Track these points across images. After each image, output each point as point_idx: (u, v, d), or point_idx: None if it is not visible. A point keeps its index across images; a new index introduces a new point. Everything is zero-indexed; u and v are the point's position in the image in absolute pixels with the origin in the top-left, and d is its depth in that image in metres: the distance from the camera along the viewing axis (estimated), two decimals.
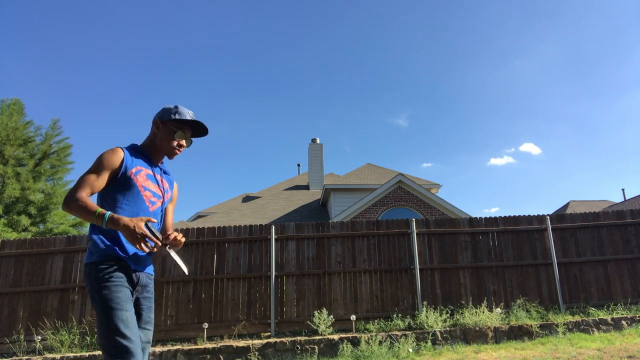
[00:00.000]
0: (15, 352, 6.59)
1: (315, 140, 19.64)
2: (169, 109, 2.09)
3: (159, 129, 2.07)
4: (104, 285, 1.80)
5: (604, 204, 23.67)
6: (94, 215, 1.74)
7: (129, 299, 1.82)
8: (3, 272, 7.20)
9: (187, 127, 2.10)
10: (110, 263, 1.85)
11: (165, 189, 2.13)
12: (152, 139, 2.09)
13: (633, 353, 5.20)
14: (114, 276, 1.82)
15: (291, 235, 7.56)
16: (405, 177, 13.47)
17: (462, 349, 6.13)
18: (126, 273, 1.88)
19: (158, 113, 2.11)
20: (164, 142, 2.06)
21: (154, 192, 2.04)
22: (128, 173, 1.93)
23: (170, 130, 2.06)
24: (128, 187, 1.93)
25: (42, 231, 14.89)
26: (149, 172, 2.04)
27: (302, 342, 6.33)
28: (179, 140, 2.08)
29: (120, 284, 1.82)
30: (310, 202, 17.20)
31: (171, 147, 2.07)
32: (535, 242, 7.95)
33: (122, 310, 1.75)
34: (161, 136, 2.06)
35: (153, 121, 2.10)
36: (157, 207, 2.05)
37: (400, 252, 7.67)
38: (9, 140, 14.86)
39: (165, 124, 2.07)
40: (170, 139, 2.06)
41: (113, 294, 1.78)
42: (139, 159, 2.03)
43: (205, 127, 2.13)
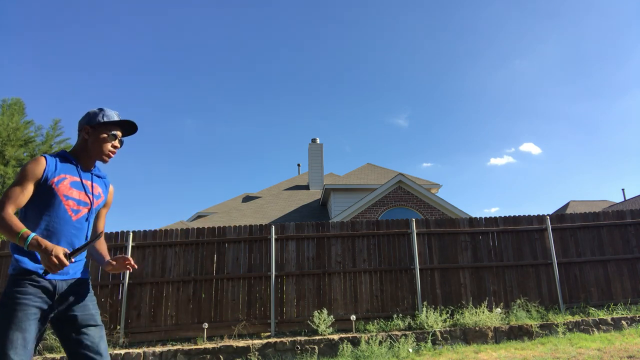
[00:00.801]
0: None
1: (315, 140, 19.65)
2: (95, 113, 2.07)
3: (89, 134, 2.05)
4: (8, 301, 1.79)
5: (604, 204, 23.67)
6: (17, 236, 1.74)
7: (30, 318, 1.79)
8: (3, 272, 7.21)
9: (117, 128, 2.10)
10: (22, 277, 1.84)
11: (97, 195, 2.11)
12: (83, 145, 2.07)
13: (633, 353, 5.20)
14: (21, 292, 1.81)
15: (291, 235, 7.56)
16: (405, 177, 13.48)
17: (462, 349, 6.13)
18: (39, 285, 1.86)
19: (84, 118, 2.09)
20: (97, 147, 2.06)
21: (78, 200, 2.00)
22: (49, 182, 1.92)
23: (100, 134, 2.05)
24: (49, 197, 1.91)
25: None
26: (74, 180, 2.02)
27: (302, 342, 6.33)
28: (112, 142, 2.09)
29: (24, 302, 1.80)
30: (310, 202, 17.20)
31: (105, 150, 2.07)
32: (535, 242, 7.95)
33: (17, 330, 1.74)
34: (93, 141, 2.05)
35: (81, 127, 2.08)
36: (83, 215, 2.02)
37: (400, 252, 7.67)
38: (10, 140, 14.87)
39: (95, 128, 2.05)
40: (102, 142, 2.06)
41: (13, 313, 1.77)
42: (64, 166, 2.01)
43: (135, 124, 2.13)
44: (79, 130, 2.09)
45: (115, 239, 7.41)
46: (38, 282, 1.85)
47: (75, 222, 1.98)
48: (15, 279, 1.84)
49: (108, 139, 2.06)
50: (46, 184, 1.91)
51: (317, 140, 19.65)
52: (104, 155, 2.07)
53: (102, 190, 2.16)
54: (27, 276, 1.84)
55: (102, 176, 2.20)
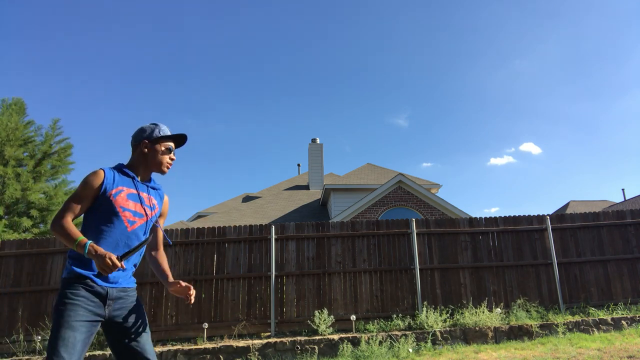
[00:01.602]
0: (15, 352, 6.59)
1: (315, 140, 19.64)
2: (152, 128, 2.19)
3: (148, 148, 2.16)
4: (62, 301, 1.88)
5: (604, 204, 23.66)
6: (74, 243, 1.84)
7: (82, 319, 1.87)
8: (3, 272, 7.20)
9: (171, 141, 2.23)
10: (75, 281, 1.93)
11: (152, 206, 2.20)
12: (141, 159, 2.17)
13: (633, 353, 5.20)
14: (75, 294, 1.90)
15: (291, 235, 7.56)
16: (405, 177, 13.47)
17: (462, 349, 6.13)
18: (92, 291, 1.94)
19: (139, 134, 2.19)
20: (156, 160, 2.17)
21: (134, 212, 2.09)
22: (107, 194, 2.01)
23: (159, 147, 2.17)
24: (107, 208, 2.01)
25: (42, 231, 14.88)
26: (131, 192, 2.10)
27: (302, 342, 6.33)
28: (170, 155, 2.21)
29: (77, 303, 1.88)
30: (310, 202, 17.20)
31: (164, 162, 2.19)
32: (535, 242, 7.95)
33: (68, 329, 1.81)
34: (152, 155, 2.16)
35: (138, 142, 2.17)
36: (139, 226, 2.11)
37: (400, 252, 7.67)
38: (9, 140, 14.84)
39: (153, 142, 2.16)
40: (162, 155, 2.18)
41: (66, 312, 1.85)
42: (122, 179, 2.10)
43: (186, 136, 2.26)
44: (135, 145, 2.19)
45: None
46: (91, 287, 1.94)
47: (131, 232, 2.07)
48: (69, 282, 1.93)
49: (166, 152, 2.19)
50: (104, 195, 2.01)
51: (317, 140, 19.64)
52: (163, 167, 2.20)
53: (157, 201, 2.26)
54: (81, 280, 1.94)
55: (158, 188, 2.29)
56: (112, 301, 2.00)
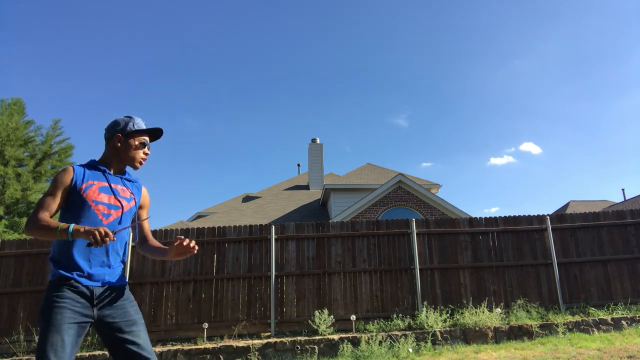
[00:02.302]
0: (15, 352, 6.59)
1: (315, 140, 19.64)
2: (126, 121, 2.15)
3: (121, 142, 2.13)
4: (48, 305, 1.87)
5: (604, 204, 23.67)
6: (57, 231, 1.81)
7: (69, 321, 1.85)
8: (3, 272, 7.20)
9: (146, 135, 2.19)
10: (60, 283, 1.92)
11: (128, 198, 2.15)
12: (113, 153, 2.14)
13: (633, 353, 5.20)
14: (60, 297, 1.88)
15: (291, 235, 7.56)
16: (405, 177, 13.48)
17: (462, 349, 6.13)
18: (77, 291, 1.92)
19: (113, 127, 2.15)
20: (129, 154, 2.13)
21: (108, 204, 2.06)
22: (78, 189, 2.00)
23: (132, 141, 2.13)
24: (79, 203, 1.99)
25: None
26: (102, 185, 2.08)
27: (302, 342, 6.33)
28: (144, 150, 2.17)
29: (63, 305, 1.86)
30: (310, 202, 17.20)
31: (138, 157, 2.15)
32: (535, 242, 7.95)
33: (55, 332, 1.80)
34: (125, 149, 2.13)
35: (111, 135, 2.14)
36: (115, 218, 2.07)
37: (400, 252, 7.67)
38: (10, 140, 14.85)
39: (127, 136, 2.13)
40: (135, 150, 2.14)
41: (52, 315, 1.83)
42: (92, 173, 2.08)
43: (161, 130, 2.22)
44: (108, 138, 2.15)
45: None
46: (76, 287, 1.92)
47: (107, 225, 2.03)
48: (54, 285, 1.92)
49: (139, 147, 2.15)
50: (75, 190, 2.00)
51: (317, 140, 19.65)
52: (136, 162, 2.16)
53: (134, 193, 2.21)
54: (65, 282, 1.92)
55: (133, 180, 2.25)
56: (99, 301, 1.97)
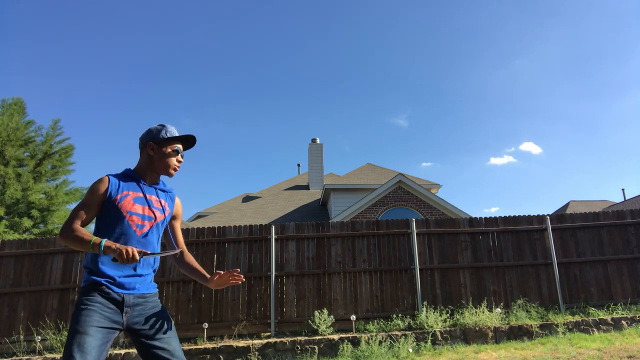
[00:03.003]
0: (15, 352, 6.59)
1: (315, 140, 19.64)
2: (158, 129, 2.14)
3: (155, 150, 2.11)
4: (78, 307, 1.88)
5: (604, 204, 23.66)
6: (89, 244, 1.83)
7: (97, 324, 1.86)
8: (3, 272, 7.21)
9: (179, 142, 2.17)
10: (91, 288, 1.93)
11: (162, 208, 2.16)
12: (147, 162, 2.13)
13: (633, 353, 5.20)
14: (91, 300, 1.90)
15: (291, 235, 7.56)
16: (405, 177, 13.48)
17: (462, 349, 6.13)
18: (109, 297, 1.93)
19: (146, 135, 2.14)
20: (163, 162, 2.12)
21: (142, 215, 2.06)
22: (112, 200, 2.00)
23: (166, 149, 2.12)
24: (114, 213, 1.99)
25: (42, 231, 14.89)
26: (137, 195, 2.07)
27: (302, 342, 6.33)
28: (177, 157, 2.16)
29: (93, 308, 1.88)
30: (310, 202, 17.20)
31: (171, 165, 2.14)
32: (535, 242, 7.95)
33: (83, 334, 1.80)
34: (158, 157, 2.11)
35: (144, 144, 2.13)
36: (148, 229, 2.07)
37: (400, 252, 7.67)
38: (10, 140, 14.84)
39: (159, 144, 2.12)
40: (168, 157, 2.12)
41: (81, 317, 1.84)
42: (127, 183, 2.07)
43: (194, 138, 2.21)
44: (142, 147, 2.14)
45: None
46: (107, 293, 1.93)
47: (140, 236, 2.04)
48: (86, 290, 1.94)
49: (172, 154, 2.13)
50: (110, 201, 2.00)
51: (317, 140, 19.65)
52: (170, 169, 2.15)
53: (167, 203, 2.21)
54: (96, 287, 1.93)
55: (168, 190, 2.24)
56: (129, 308, 1.97)
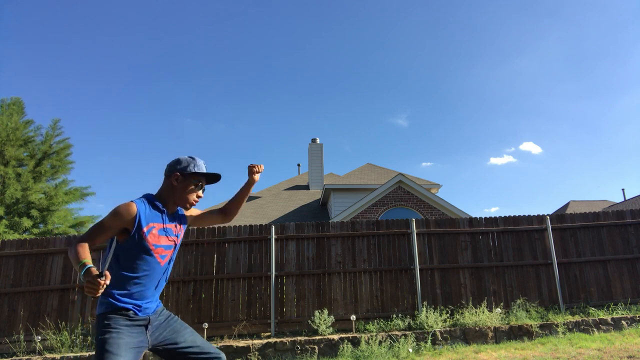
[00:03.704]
0: (15, 352, 6.59)
1: (315, 140, 19.63)
2: (187, 161, 2.13)
3: (178, 181, 2.11)
4: (105, 331, 1.88)
5: (604, 204, 23.67)
6: (78, 264, 1.78)
7: (127, 346, 1.87)
8: (3, 272, 7.20)
9: (203, 178, 2.17)
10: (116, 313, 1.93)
11: (179, 233, 2.19)
12: (169, 191, 2.12)
13: (633, 353, 5.20)
14: (117, 323, 1.90)
15: (291, 235, 7.56)
16: (405, 177, 13.47)
17: (462, 349, 6.13)
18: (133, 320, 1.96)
19: (173, 165, 2.13)
20: (183, 195, 2.12)
21: (165, 246, 2.08)
22: (140, 232, 1.98)
23: (190, 183, 2.12)
24: (140, 246, 1.98)
25: (42, 231, 14.88)
26: (161, 227, 2.08)
27: (302, 342, 6.33)
28: (198, 192, 2.16)
29: (120, 330, 1.89)
30: (310, 202, 17.20)
31: (190, 199, 2.14)
32: (535, 242, 7.94)
33: (115, 355, 1.81)
34: (180, 189, 2.11)
35: (170, 172, 2.13)
36: (169, 257, 2.12)
37: (400, 252, 7.67)
38: (9, 140, 14.84)
39: (185, 176, 2.11)
40: (190, 191, 2.13)
41: (111, 339, 1.84)
42: (152, 214, 2.06)
43: (219, 176, 2.22)
44: (167, 175, 2.13)
45: None
46: (133, 317, 1.95)
47: (164, 266, 2.09)
48: (109, 316, 1.92)
49: (195, 189, 2.14)
50: (138, 232, 1.97)
51: (317, 140, 19.64)
52: (188, 203, 2.15)
53: (182, 226, 2.23)
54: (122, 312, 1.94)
55: (182, 214, 2.25)
56: (151, 326, 2.02)
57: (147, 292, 2.01)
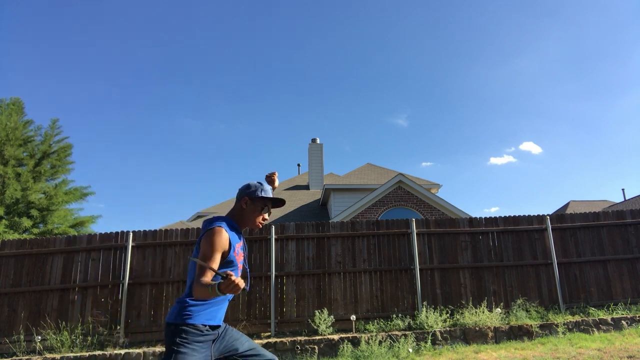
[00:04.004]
0: (15, 352, 6.59)
1: (315, 140, 19.63)
2: (255, 186, 2.35)
3: (247, 205, 2.31)
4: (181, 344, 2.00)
5: (604, 204, 23.67)
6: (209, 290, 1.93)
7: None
8: (3, 272, 7.20)
9: (269, 202, 2.37)
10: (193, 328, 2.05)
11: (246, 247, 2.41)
12: (240, 213, 2.32)
13: (633, 353, 5.20)
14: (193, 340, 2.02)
15: (291, 235, 7.55)
16: (405, 177, 13.47)
17: (462, 349, 6.13)
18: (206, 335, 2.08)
19: (244, 190, 2.35)
20: (252, 217, 2.32)
21: (242, 261, 2.30)
22: (232, 253, 2.17)
23: (257, 206, 2.32)
24: (231, 266, 2.17)
25: (42, 231, 14.87)
26: (239, 245, 2.27)
27: (302, 342, 6.33)
28: (264, 215, 2.35)
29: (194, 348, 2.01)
30: (310, 202, 17.20)
31: (257, 221, 2.33)
32: (535, 242, 7.94)
33: None
34: (249, 211, 2.31)
35: (241, 197, 2.34)
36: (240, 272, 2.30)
37: (400, 252, 7.67)
38: (9, 140, 14.83)
39: (253, 200, 2.32)
40: (258, 214, 2.33)
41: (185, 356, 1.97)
42: (234, 236, 2.23)
43: (284, 201, 2.43)
44: (239, 198, 2.35)
45: (116, 239, 7.41)
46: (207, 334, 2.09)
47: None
48: (185, 329, 2.03)
49: (262, 212, 2.34)
50: (231, 254, 2.16)
51: (317, 140, 19.64)
52: (256, 224, 2.34)
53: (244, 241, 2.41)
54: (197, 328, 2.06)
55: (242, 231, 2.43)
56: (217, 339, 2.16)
57: (222, 309, 2.19)
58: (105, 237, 7.44)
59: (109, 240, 7.39)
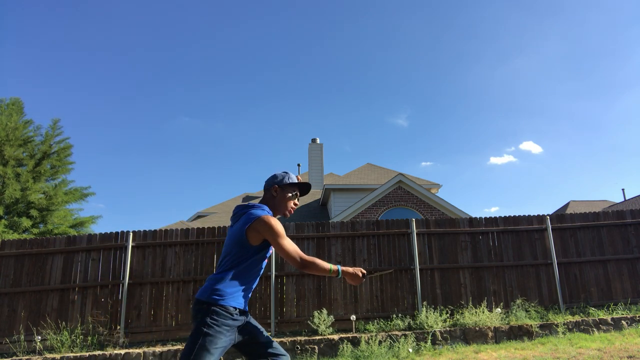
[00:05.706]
0: (15, 352, 6.59)
1: (315, 140, 19.63)
2: (282, 175, 2.44)
3: (277, 192, 2.40)
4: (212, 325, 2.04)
5: (604, 204, 23.67)
6: (329, 271, 2.16)
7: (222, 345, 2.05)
8: (3, 272, 7.20)
9: (297, 188, 2.46)
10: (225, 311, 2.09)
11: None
12: (271, 202, 2.41)
13: (633, 353, 5.20)
14: (223, 324, 2.07)
15: (291, 235, 7.55)
16: (405, 177, 13.47)
17: (462, 349, 6.13)
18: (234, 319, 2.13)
19: (271, 180, 2.44)
20: (283, 204, 2.41)
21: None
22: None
23: (287, 193, 2.41)
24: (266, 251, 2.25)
25: (42, 231, 14.87)
26: None
27: (302, 342, 6.33)
28: (294, 201, 2.45)
29: (222, 331, 2.05)
30: (310, 202, 17.20)
31: (289, 207, 2.43)
32: (535, 242, 7.95)
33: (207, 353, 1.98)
34: (280, 198, 2.40)
35: (270, 186, 2.42)
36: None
37: (400, 252, 7.67)
38: (9, 140, 14.84)
39: (282, 188, 2.40)
40: (287, 200, 2.42)
41: (210, 337, 2.01)
42: None
43: (310, 186, 2.52)
44: (267, 189, 2.43)
45: (115, 239, 7.41)
46: (236, 319, 2.14)
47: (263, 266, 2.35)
48: (217, 310, 2.07)
49: (292, 197, 2.43)
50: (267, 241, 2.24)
51: (317, 140, 19.64)
52: (287, 210, 2.44)
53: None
54: (230, 311, 2.10)
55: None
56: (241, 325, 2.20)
57: (249, 294, 2.24)
58: (105, 237, 7.44)
59: (109, 240, 7.39)
